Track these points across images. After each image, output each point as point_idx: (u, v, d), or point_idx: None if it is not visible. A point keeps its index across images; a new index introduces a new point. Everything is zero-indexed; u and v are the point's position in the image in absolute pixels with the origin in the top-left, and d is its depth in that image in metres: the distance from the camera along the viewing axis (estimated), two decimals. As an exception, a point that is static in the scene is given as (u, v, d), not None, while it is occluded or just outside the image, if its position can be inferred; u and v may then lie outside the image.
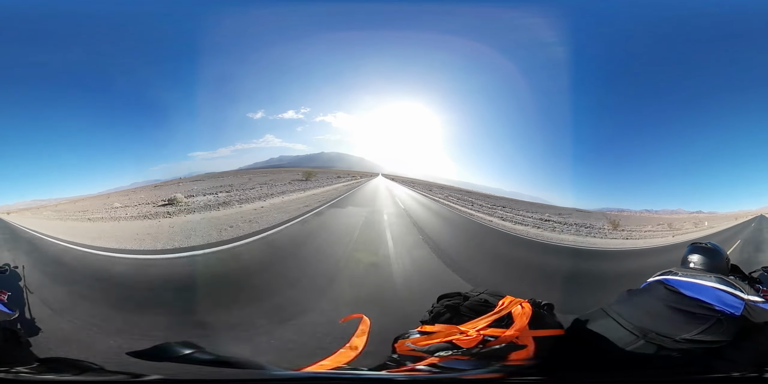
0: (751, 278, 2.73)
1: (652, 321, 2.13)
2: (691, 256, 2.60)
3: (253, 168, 11.95)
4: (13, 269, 3.62)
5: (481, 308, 2.12)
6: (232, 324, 3.94)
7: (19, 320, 2.92)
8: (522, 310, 2.01)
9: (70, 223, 8.63)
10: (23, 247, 6.72)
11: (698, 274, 2.35)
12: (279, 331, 3.78)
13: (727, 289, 2.18)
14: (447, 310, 2.19)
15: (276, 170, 12.89)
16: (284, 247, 6.95)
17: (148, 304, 4.30)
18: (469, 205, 12.65)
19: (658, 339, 2.04)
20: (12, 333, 2.66)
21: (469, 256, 7.53)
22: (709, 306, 2.12)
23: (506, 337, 1.95)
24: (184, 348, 2.13)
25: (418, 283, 5.42)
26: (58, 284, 4.77)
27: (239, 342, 3.56)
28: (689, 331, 2.03)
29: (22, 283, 3.48)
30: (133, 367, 2.14)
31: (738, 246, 8.13)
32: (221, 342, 3.54)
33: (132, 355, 2.12)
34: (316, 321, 3.91)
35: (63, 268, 5.61)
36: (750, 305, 2.11)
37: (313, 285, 5.10)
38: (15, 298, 3.09)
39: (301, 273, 5.53)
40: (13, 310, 2.83)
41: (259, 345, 3.50)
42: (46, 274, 5.05)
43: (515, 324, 1.98)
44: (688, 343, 2.01)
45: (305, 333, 3.70)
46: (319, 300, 4.58)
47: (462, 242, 9.12)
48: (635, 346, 2.05)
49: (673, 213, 10.93)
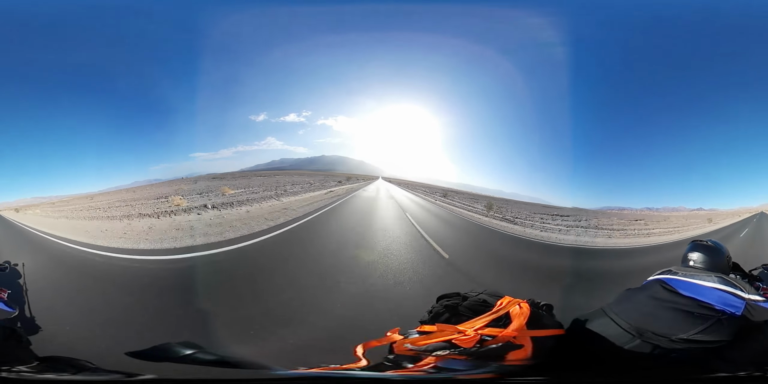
0: (751, 276, 2.71)
1: (648, 320, 2.12)
2: (692, 254, 2.55)
3: (255, 170, 12.12)
4: (13, 267, 3.62)
5: (479, 308, 2.12)
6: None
7: (19, 318, 2.92)
8: (520, 310, 2.01)
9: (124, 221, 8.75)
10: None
11: (698, 272, 2.33)
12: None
13: (727, 288, 2.16)
14: (446, 310, 2.19)
15: (300, 172, 14.19)
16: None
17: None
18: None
19: (655, 338, 2.03)
20: (12, 331, 2.65)
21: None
22: (709, 306, 2.11)
23: (504, 336, 1.96)
24: (185, 348, 2.13)
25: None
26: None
27: (240, 342, 3.56)
28: (687, 330, 2.02)
29: (21, 281, 3.48)
30: (133, 366, 2.14)
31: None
32: (221, 342, 3.54)
33: (132, 355, 2.13)
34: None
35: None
36: (751, 304, 2.09)
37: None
38: (15, 295, 3.09)
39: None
40: (13, 308, 2.83)
41: (258, 345, 3.50)
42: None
43: (513, 324, 1.98)
44: (686, 343, 2.00)
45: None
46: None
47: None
48: (631, 346, 2.05)
49: (674, 210, 10.94)
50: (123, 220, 8.41)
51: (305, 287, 4.96)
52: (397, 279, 5.44)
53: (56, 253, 6.31)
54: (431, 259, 6.53)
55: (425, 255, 6.70)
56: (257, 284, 4.97)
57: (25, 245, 6.88)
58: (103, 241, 6.77)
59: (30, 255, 5.89)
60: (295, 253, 6.58)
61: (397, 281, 5.36)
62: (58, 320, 3.51)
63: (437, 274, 5.82)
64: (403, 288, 5.18)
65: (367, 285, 5.25)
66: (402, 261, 6.22)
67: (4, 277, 3.47)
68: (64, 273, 5.26)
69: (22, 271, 3.59)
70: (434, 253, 6.85)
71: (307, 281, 5.18)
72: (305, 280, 5.24)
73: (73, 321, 3.68)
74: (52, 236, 7.19)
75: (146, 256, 5.88)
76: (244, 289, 4.78)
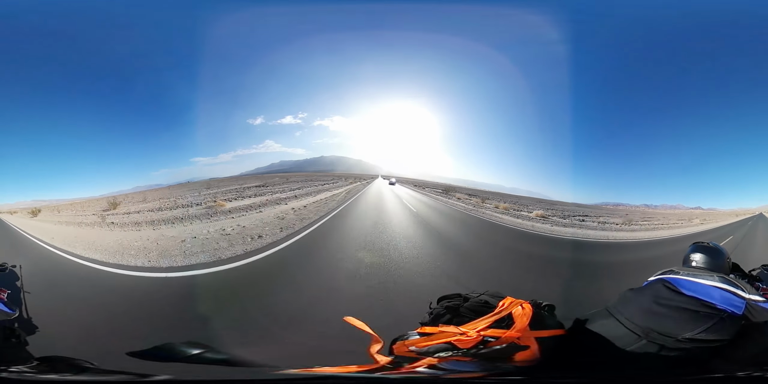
0: (751, 276, 2.75)
1: (653, 320, 2.12)
2: (693, 255, 2.60)
3: (255, 173, 12.17)
4: (11, 268, 3.61)
5: (481, 309, 2.11)
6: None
7: (17, 319, 2.91)
8: (523, 310, 2.00)
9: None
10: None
11: (700, 272, 2.35)
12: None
13: (728, 288, 2.17)
14: (447, 312, 2.18)
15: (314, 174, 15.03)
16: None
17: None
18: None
19: (660, 338, 2.03)
20: (11, 332, 2.65)
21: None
22: (711, 305, 2.12)
23: (507, 337, 1.94)
24: (186, 348, 2.12)
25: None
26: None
27: (240, 341, 3.55)
28: (691, 330, 2.02)
29: (19, 283, 3.47)
30: (134, 366, 2.13)
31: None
32: (222, 341, 3.53)
33: (132, 355, 2.12)
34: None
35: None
36: (751, 304, 2.10)
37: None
38: (13, 296, 3.08)
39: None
40: (13, 309, 2.83)
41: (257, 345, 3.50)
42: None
43: (516, 324, 1.96)
44: (691, 343, 2.00)
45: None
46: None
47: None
48: (637, 346, 2.05)
49: (672, 208, 10.95)
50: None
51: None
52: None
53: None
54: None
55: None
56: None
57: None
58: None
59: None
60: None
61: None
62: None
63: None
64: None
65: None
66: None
67: (3, 277, 3.46)
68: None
69: (19, 272, 3.59)
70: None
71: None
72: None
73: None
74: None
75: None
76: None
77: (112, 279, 5.35)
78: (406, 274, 5.76)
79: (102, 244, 7.15)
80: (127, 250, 6.66)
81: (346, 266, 6.01)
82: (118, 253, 6.47)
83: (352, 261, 6.34)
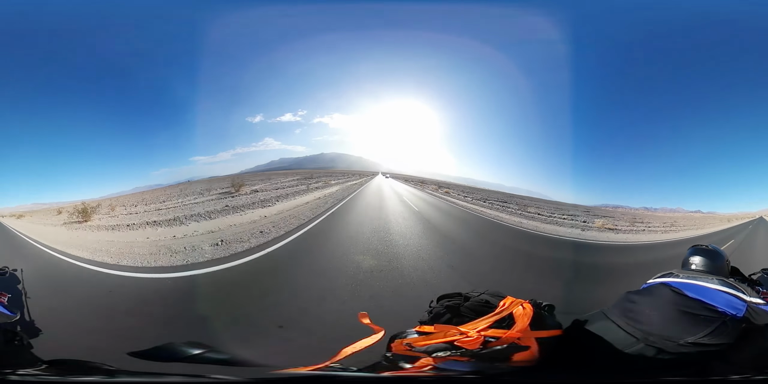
0: (751, 280, 2.72)
1: (656, 324, 2.10)
2: (693, 258, 2.58)
3: (255, 171, 12.15)
4: (12, 272, 3.61)
5: (482, 309, 2.10)
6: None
7: (19, 323, 2.92)
8: (523, 310, 1.99)
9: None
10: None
11: (700, 275, 2.35)
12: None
13: (729, 290, 2.16)
14: (447, 311, 2.16)
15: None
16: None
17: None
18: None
19: (660, 342, 2.02)
20: (13, 335, 2.66)
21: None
22: (713, 308, 2.10)
23: (508, 338, 1.93)
24: (187, 348, 2.13)
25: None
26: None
27: (240, 341, 3.55)
28: (694, 333, 2.01)
29: (20, 286, 3.47)
30: (134, 366, 2.14)
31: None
32: (222, 341, 3.52)
33: (134, 355, 2.12)
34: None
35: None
36: (752, 307, 2.10)
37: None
38: (14, 300, 3.09)
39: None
40: (14, 313, 2.83)
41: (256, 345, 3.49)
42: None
43: (517, 325, 1.95)
44: (692, 347, 1.99)
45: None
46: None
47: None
48: (634, 349, 2.04)
49: (672, 212, 10.92)
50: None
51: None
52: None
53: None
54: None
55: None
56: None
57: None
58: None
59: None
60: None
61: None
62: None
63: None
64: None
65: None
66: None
67: (4, 281, 3.46)
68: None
69: (20, 276, 3.59)
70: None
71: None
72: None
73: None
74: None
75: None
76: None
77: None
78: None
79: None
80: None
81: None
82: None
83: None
